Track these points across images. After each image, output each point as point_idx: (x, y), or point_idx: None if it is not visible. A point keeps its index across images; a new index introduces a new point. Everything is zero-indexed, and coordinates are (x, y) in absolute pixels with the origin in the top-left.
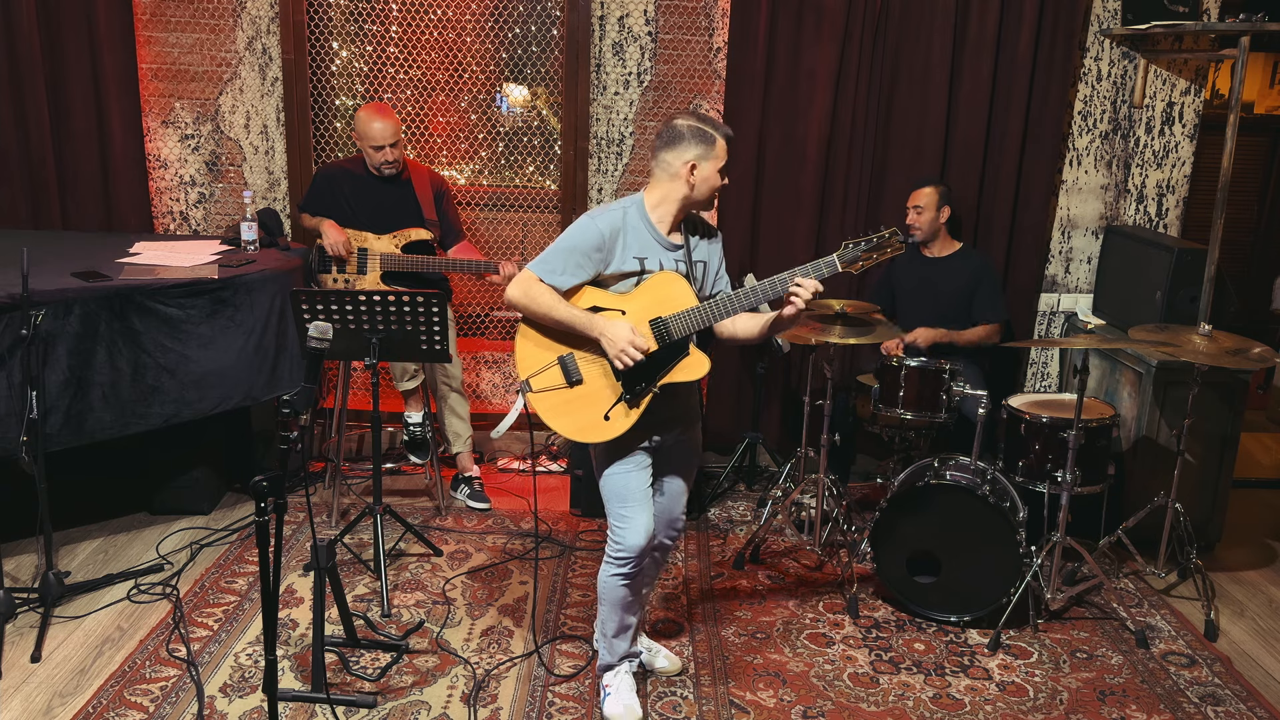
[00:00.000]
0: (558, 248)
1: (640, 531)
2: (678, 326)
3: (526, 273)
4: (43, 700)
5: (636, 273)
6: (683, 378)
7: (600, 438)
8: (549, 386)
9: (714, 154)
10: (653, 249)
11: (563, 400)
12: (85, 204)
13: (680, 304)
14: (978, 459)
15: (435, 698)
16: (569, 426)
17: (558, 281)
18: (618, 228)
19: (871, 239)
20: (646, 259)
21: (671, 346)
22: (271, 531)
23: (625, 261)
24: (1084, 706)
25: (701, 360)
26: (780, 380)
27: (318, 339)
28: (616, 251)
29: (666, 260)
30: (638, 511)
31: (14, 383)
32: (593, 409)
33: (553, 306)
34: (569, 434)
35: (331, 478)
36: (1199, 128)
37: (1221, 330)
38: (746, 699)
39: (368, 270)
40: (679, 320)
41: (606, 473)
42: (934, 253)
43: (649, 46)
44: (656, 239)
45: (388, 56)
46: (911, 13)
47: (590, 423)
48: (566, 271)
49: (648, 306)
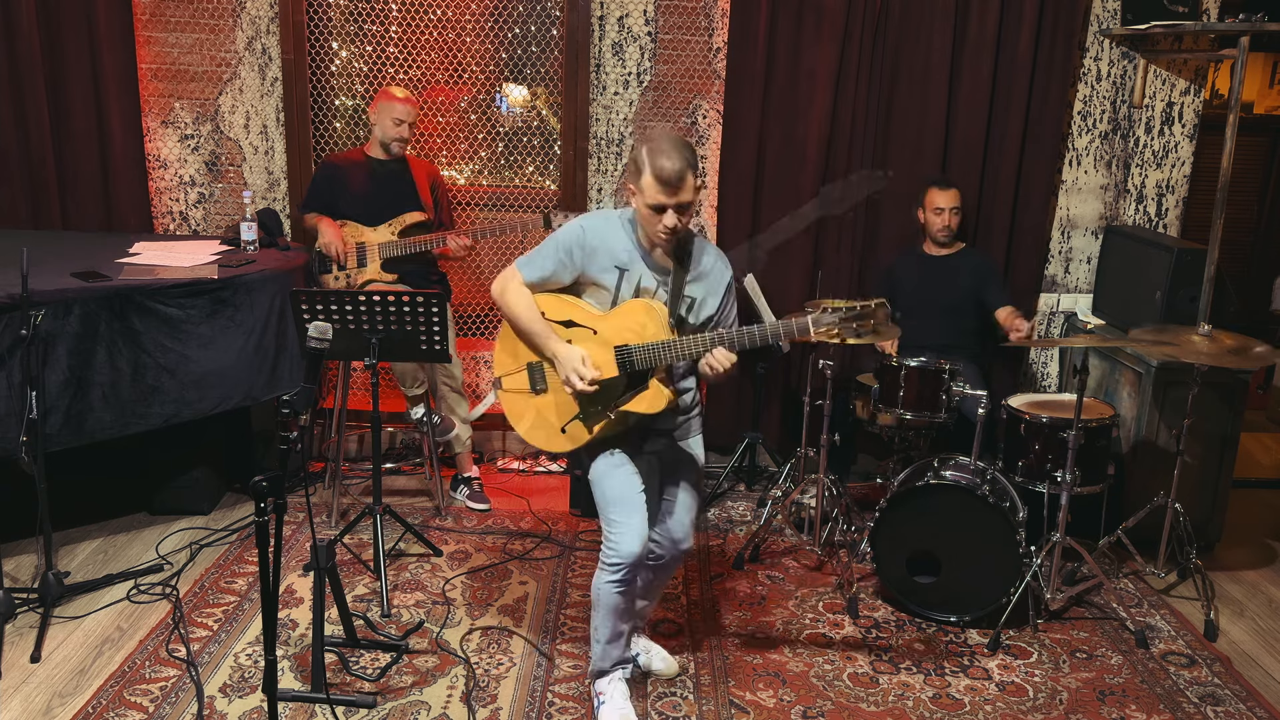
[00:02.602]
0: (543, 243)
1: (634, 538)
2: (641, 358)
3: (510, 269)
4: (42, 700)
5: (615, 283)
6: (639, 409)
7: (556, 448)
8: (516, 389)
9: (641, 186)
10: (635, 263)
11: (527, 404)
12: (85, 204)
13: (652, 335)
14: (977, 459)
15: (435, 698)
16: (528, 431)
17: (531, 274)
18: (603, 230)
19: (855, 308)
20: (627, 271)
21: (633, 376)
22: (271, 531)
23: (606, 269)
24: (1084, 706)
25: (660, 395)
26: (780, 380)
27: (318, 339)
28: (599, 253)
29: (647, 278)
30: (630, 516)
31: (14, 383)
32: (551, 418)
33: (520, 313)
34: (527, 438)
35: (331, 478)
36: (1199, 128)
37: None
38: (746, 699)
39: (367, 262)
40: (644, 352)
41: (593, 473)
42: (938, 252)
43: (649, 47)
44: (641, 253)
45: (387, 56)
46: (911, 13)
47: (548, 432)
48: (541, 264)
49: (619, 330)
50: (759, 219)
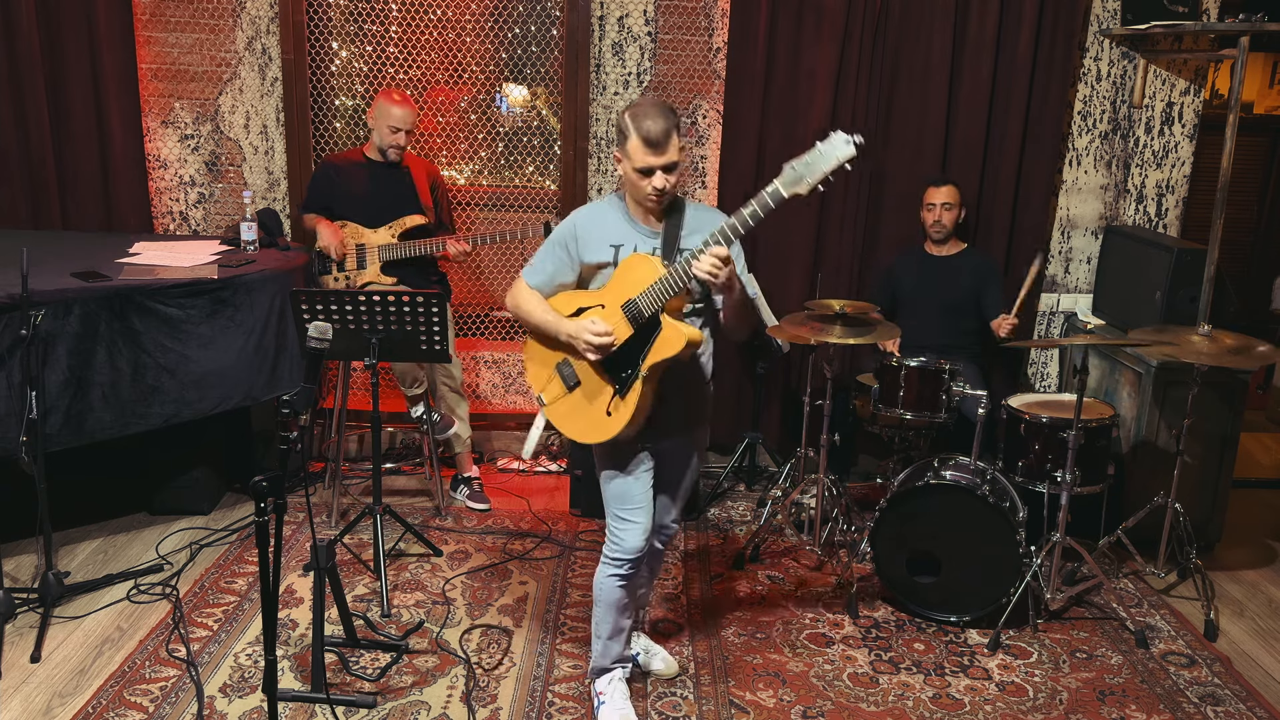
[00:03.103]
0: (541, 247)
1: (639, 534)
2: (645, 303)
3: (517, 279)
4: (42, 700)
5: (612, 260)
6: (663, 355)
7: (606, 434)
8: (556, 396)
9: (627, 151)
10: (629, 235)
11: (569, 406)
12: (85, 204)
13: (648, 281)
14: (978, 459)
15: (435, 698)
16: (578, 430)
17: (535, 277)
18: (593, 217)
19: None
20: (622, 246)
21: (646, 326)
22: (271, 531)
23: (601, 250)
24: (1084, 706)
25: (678, 333)
26: (780, 380)
27: (317, 339)
28: (593, 238)
29: (643, 245)
30: (638, 514)
31: (14, 383)
32: (594, 408)
33: (531, 310)
34: (580, 437)
35: (331, 478)
36: (1199, 128)
37: (1221, 329)
38: (746, 699)
39: (367, 264)
40: (645, 297)
41: (608, 475)
42: (940, 251)
43: (649, 47)
44: (632, 225)
45: (387, 56)
46: (911, 13)
47: (595, 421)
48: (541, 266)
49: (620, 292)
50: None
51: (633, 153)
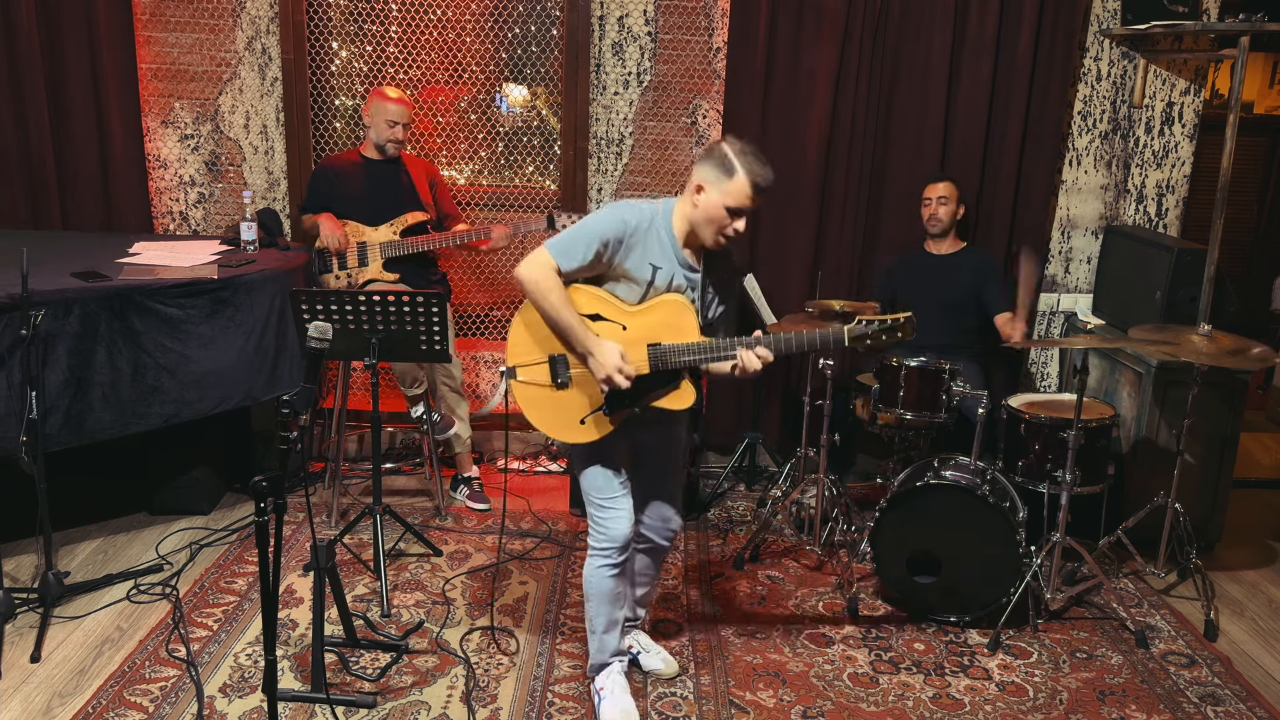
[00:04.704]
0: (580, 230)
1: (623, 520)
2: (675, 359)
3: (544, 255)
4: (42, 700)
5: (648, 280)
6: (667, 406)
7: (572, 439)
8: (534, 380)
9: (726, 187)
10: (671, 263)
11: (544, 396)
12: (85, 204)
13: (683, 335)
14: (977, 459)
15: (435, 698)
16: (543, 420)
17: (567, 263)
18: (644, 228)
19: (886, 321)
20: (660, 270)
21: (663, 374)
22: (271, 531)
23: (641, 266)
24: (1084, 706)
25: (689, 393)
26: (780, 380)
27: (317, 339)
28: (636, 250)
29: (679, 276)
30: (619, 501)
31: (14, 383)
32: (570, 410)
33: (557, 307)
34: (542, 427)
35: (331, 478)
36: (1199, 128)
37: (1221, 330)
38: (746, 699)
39: (369, 261)
40: (676, 352)
41: (584, 466)
42: (940, 250)
43: (649, 46)
44: (675, 252)
45: (387, 56)
46: (911, 13)
47: (566, 422)
48: (579, 253)
49: (651, 328)
50: (759, 219)
51: (735, 191)
